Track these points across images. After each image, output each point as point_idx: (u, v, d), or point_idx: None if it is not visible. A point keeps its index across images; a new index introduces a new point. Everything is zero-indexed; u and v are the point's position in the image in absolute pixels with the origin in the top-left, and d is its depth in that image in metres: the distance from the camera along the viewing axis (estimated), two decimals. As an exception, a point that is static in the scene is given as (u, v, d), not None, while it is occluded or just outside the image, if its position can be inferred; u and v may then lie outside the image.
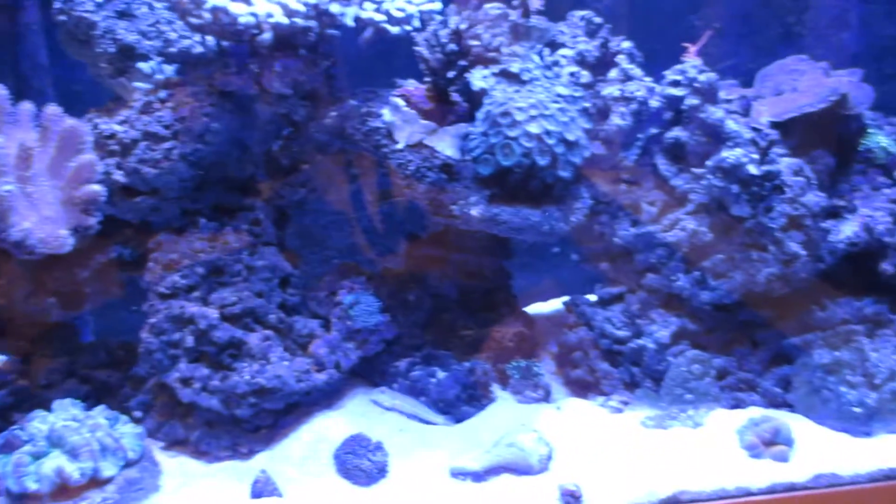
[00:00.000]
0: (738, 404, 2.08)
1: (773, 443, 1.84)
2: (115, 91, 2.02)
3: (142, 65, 1.95)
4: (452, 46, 1.94)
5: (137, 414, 2.00)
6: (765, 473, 1.77)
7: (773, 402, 2.07)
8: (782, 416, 1.94)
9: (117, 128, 1.94)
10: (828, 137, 2.20)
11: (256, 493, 1.77)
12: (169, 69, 1.99)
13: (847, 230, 2.12)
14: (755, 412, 2.00)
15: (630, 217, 2.21)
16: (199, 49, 1.89)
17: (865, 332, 2.07)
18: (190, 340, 1.91)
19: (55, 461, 1.65)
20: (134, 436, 1.79)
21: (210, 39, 1.92)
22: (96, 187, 1.83)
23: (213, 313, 1.93)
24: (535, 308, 2.72)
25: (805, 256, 2.04)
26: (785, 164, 2.07)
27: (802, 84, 2.22)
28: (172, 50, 1.91)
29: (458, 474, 1.81)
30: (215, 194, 2.07)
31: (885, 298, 2.14)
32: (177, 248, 1.98)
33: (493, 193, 1.96)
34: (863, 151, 2.25)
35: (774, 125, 2.11)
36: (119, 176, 1.94)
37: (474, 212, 1.94)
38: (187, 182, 1.99)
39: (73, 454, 1.66)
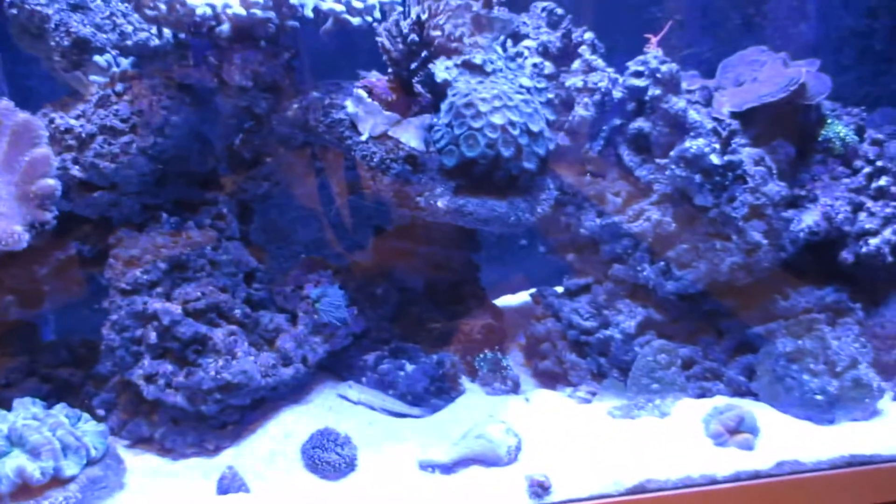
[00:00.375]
0: (703, 393, 2.09)
1: (737, 431, 1.85)
2: (71, 86, 1.98)
3: (97, 58, 1.91)
4: (414, 37, 1.92)
5: (101, 412, 1.97)
6: (730, 461, 1.78)
7: (737, 390, 2.09)
8: (747, 405, 1.95)
9: (73, 122, 1.91)
10: (788, 127, 2.22)
11: (223, 490, 1.75)
12: (125, 62, 1.95)
13: (808, 219, 2.14)
14: (720, 401, 2.02)
15: (595, 208, 2.22)
16: (155, 41, 1.86)
17: (827, 320, 2.10)
18: (153, 337, 1.88)
19: (15, 461, 1.61)
20: (96, 434, 1.76)
21: (167, 32, 1.89)
22: (51, 181, 1.79)
23: (177, 309, 1.90)
24: (503, 300, 2.71)
25: (767, 246, 2.05)
26: (746, 153, 2.08)
27: (762, 74, 2.24)
28: (128, 43, 1.87)
29: (427, 467, 1.81)
30: (176, 189, 2.04)
31: (846, 287, 2.17)
32: (138, 243, 1.95)
33: (459, 185, 1.95)
34: (822, 141, 2.27)
35: (735, 115, 2.13)
36: (76, 171, 1.91)
37: (440, 203, 1.93)
38: (147, 176, 1.95)
39: (34, 453, 1.63)
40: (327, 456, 1.81)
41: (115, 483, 1.76)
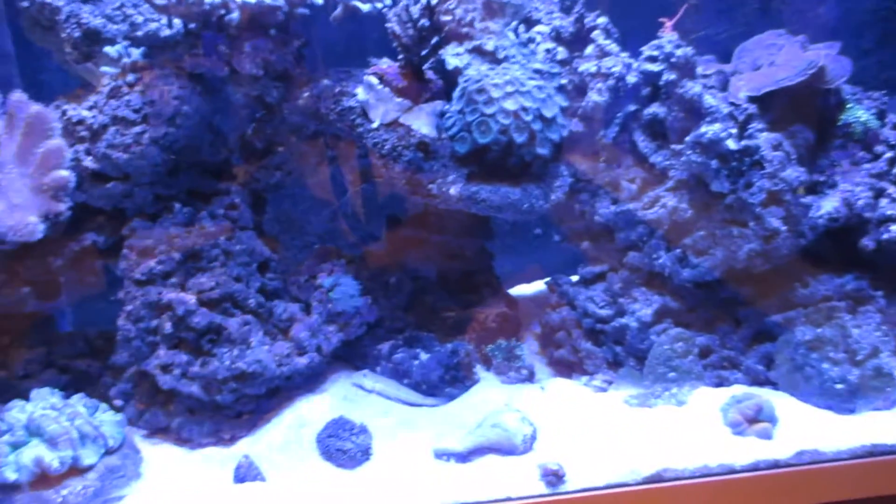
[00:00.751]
0: (721, 382, 2.06)
1: (756, 420, 1.82)
2: (82, 77, 1.99)
3: (108, 49, 1.91)
4: (425, 22, 1.91)
5: (118, 402, 1.98)
6: (748, 451, 1.75)
7: (755, 379, 2.05)
8: (765, 394, 1.92)
9: (85, 113, 1.92)
10: (806, 112, 2.18)
11: (239, 479, 1.76)
12: (136, 53, 1.95)
13: (827, 206, 2.09)
14: (738, 390, 1.99)
15: (610, 195, 2.20)
16: (166, 31, 1.86)
17: (847, 308, 2.05)
18: (168, 327, 1.90)
19: (34, 450, 1.63)
20: (114, 423, 1.78)
21: (177, 21, 1.89)
22: (65, 173, 1.81)
23: (191, 299, 1.91)
24: (517, 289, 2.70)
25: (785, 232, 2.02)
26: (764, 138, 2.04)
27: (780, 58, 2.19)
28: (139, 33, 1.88)
29: (442, 455, 1.80)
30: (189, 179, 2.04)
31: (867, 274, 2.12)
32: (151, 234, 1.96)
33: (471, 172, 1.94)
34: (842, 126, 2.22)
35: (752, 100, 2.08)
36: (89, 162, 1.92)
37: (452, 190, 1.92)
38: (159, 167, 1.96)
39: (52, 443, 1.65)
40: (342, 445, 1.82)
41: (132, 472, 1.78)
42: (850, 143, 2.22)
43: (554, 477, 1.67)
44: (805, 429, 1.83)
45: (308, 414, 1.99)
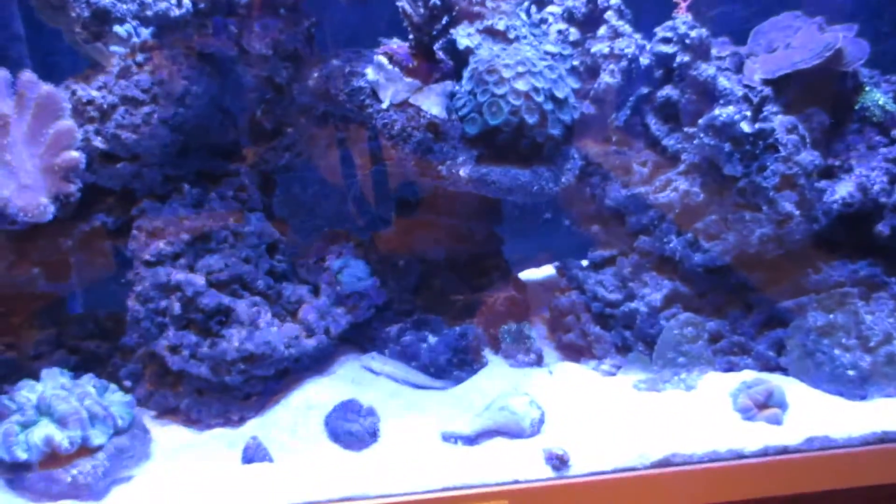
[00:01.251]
0: (731, 367, 2.06)
1: (766, 406, 1.82)
2: (92, 58, 1.97)
3: (118, 28, 1.90)
4: (436, 1, 1.88)
5: (127, 383, 2.00)
6: (758, 436, 1.75)
7: (766, 365, 2.05)
8: (776, 380, 1.92)
9: (95, 93, 1.91)
10: (823, 95, 2.15)
11: (248, 459, 1.77)
12: (146, 32, 1.94)
13: (842, 190, 2.07)
14: (748, 375, 1.99)
15: (621, 178, 2.19)
16: (175, 11, 1.84)
17: (860, 294, 2.04)
18: (177, 308, 1.90)
19: (44, 430, 1.63)
20: (123, 404, 1.78)
21: (187, 1, 1.87)
22: (75, 154, 1.80)
23: (200, 280, 1.92)
24: (527, 273, 2.70)
25: (799, 217, 2.00)
26: (778, 121, 2.02)
27: (796, 40, 2.16)
28: (148, 13, 1.85)
29: (450, 438, 1.81)
30: (198, 160, 2.04)
31: (881, 261, 2.10)
32: (161, 215, 1.97)
33: (482, 153, 1.93)
34: (859, 110, 2.19)
35: (767, 82, 2.07)
36: (98, 142, 1.91)
37: (462, 172, 1.92)
38: (169, 147, 1.96)
39: (62, 423, 1.65)
40: (350, 426, 1.82)
41: (141, 453, 1.79)
42: (866, 126, 2.19)
43: (558, 461, 1.67)
44: (815, 415, 1.83)
45: (316, 396, 2.00)
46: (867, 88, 2.20)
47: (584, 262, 2.34)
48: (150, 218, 1.96)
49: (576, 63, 2.06)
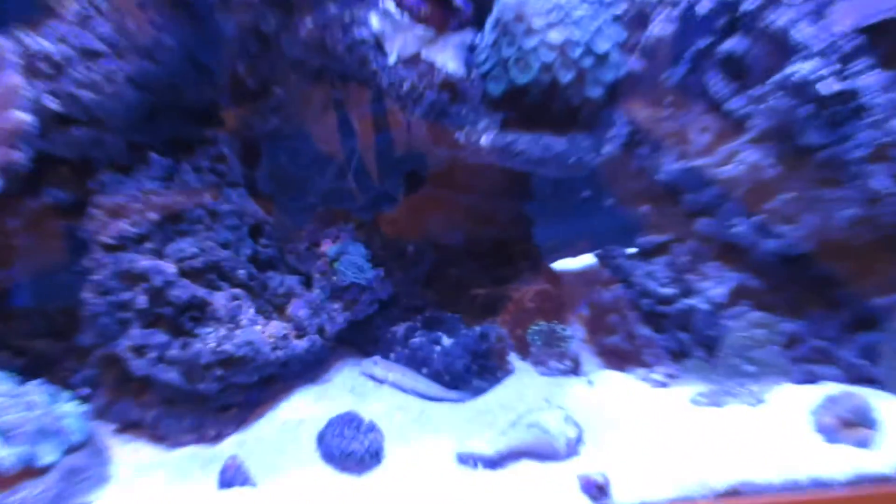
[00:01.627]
0: (811, 378, 2.05)
1: (853, 425, 1.79)
2: (45, 1, 1.97)
3: (74, -36, 1.93)
4: (453, -67, 1.94)
5: (83, 391, 1.98)
6: (844, 462, 1.71)
7: (854, 376, 2.03)
8: (866, 394, 1.89)
9: (47, 44, 1.90)
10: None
11: (225, 483, 1.75)
12: (108, -29, 1.98)
13: (950, 162, 2.06)
14: (832, 388, 1.97)
15: (676, 148, 2.16)
16: (143, -55, 1.86)
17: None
18: (143, 301, 1.90)
19: (-18, 445, 1.63)
20: (77, 416, 1.77)
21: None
22: (23, 116, 1.80)
23: (170, 268, 1.92)
24: (562, 263, 2.72)
25: (895, 195, 1.95)
26: (869, 79, 1.96)
27: (894, -22, 2.14)
28: (111, -52, 1.89)
29: (468, 460, 1.79)
30: (169, 125, 2.04)
31: None
32: (124, 190, 1.96)
33: (507, 118, 1.95)
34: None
35: (858, 31, 2.00)
36: (51, 102, 1.89)
37: (484, 140, 1.94)
38: (134, 110, 1.95)
39: (6, 436, 1.64)
40: (348, 446, 1.80)
41: (99, 474, 1.78)
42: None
43: (597, 490, 1.64)
44: (915, 436, 1.78)
45: (308, 408, 2.01)
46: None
47: (631, 250, 2.33)
48: (112, 193, 1.95)
49: (620, 10, 2.05)
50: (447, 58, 1.94)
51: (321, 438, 1.86)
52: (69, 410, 1.76)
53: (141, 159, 1.99)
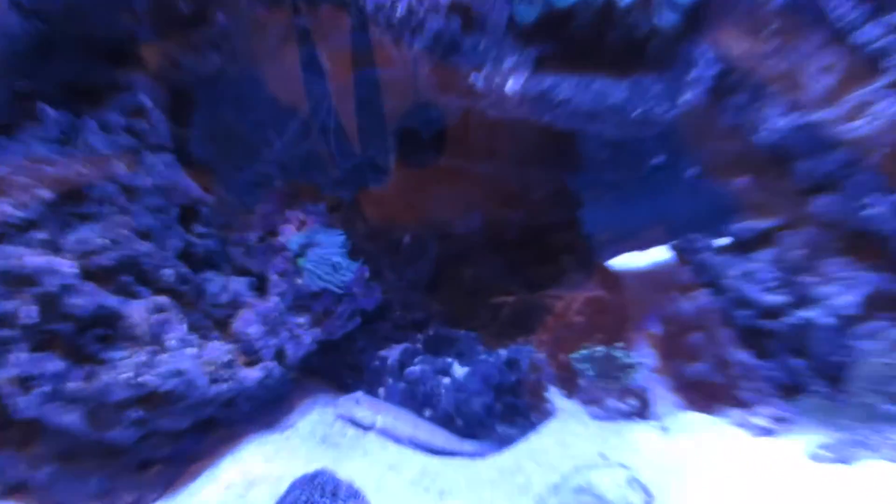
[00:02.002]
0: None
1: None
2: None
3: None
4: None
5: None
6: None
7: None
8: None
9: None
10: None
11: None
12: None
13: None
14: None
15: (785, 96, 2.13)
16: None
17: None
18: (31, 312, 1.83)
19: None
20: None
21: None
22: None
23: (69, 267, 1.87)
24: (623, 259, 2.73)
25: None
26: None
27: None
28: None
29: None
30: (68, 66, 2.01)
31: None
32: (5, 158, 1.91)
33: (543, 54, 1.92)
34: None
35: None
36: None
37: (511, 86, 1.92)
38: (20, 44, 1.92)
39: None
40: None
41: None
42: None
43: None
44: None
45: (262, 465, 1.99)
46: None
47: (722, 240, 2.31)
48: (-12, 162, 1.93)
49: None
50: (458, -33, 1.91)
51: (281, 508, 1.83)
52: (-74, 467, 1.73)
53: (28, 113, 1.95)
